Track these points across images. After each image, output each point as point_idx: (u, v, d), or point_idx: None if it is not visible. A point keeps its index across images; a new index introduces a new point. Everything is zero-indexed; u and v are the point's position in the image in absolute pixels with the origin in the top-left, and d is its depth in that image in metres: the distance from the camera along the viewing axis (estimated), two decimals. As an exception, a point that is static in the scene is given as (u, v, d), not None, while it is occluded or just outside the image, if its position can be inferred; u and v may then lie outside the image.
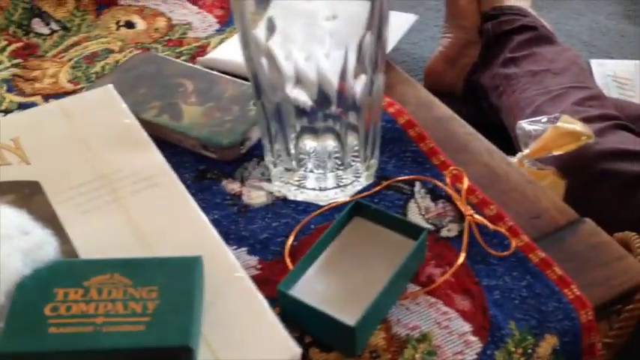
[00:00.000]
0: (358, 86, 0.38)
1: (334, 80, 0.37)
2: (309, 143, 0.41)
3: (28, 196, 0.35)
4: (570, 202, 0.82)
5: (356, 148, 0.41)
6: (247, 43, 0.37)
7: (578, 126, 0.79)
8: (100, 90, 0.41)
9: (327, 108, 0.39)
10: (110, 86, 0.41)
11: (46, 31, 0.56)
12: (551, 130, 0.78)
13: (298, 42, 0.36)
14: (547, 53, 1.11)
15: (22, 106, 0.49)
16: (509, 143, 1.09)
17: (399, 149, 0.44)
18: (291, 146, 0.41)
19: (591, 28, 1.45)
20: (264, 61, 0.37)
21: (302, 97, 0.38)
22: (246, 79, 0.50)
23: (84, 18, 0.57)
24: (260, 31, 0.36)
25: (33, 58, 0.54)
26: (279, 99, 0.38)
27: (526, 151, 0.79)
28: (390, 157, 0.44)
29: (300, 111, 0.39)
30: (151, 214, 0.34)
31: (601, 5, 1.52)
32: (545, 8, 1.49)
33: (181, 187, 0.36)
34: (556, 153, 0.79)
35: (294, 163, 0.41)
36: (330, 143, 0.40)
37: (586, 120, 0.89)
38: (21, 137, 0.37)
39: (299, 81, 0.37)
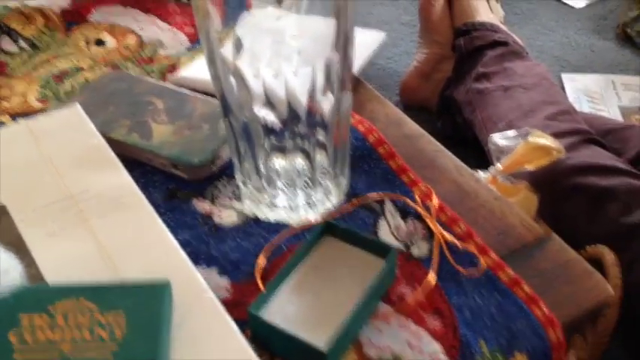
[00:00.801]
0: (326, 105, 0.38)
1: (303, 98, 0.38)
2: (279, 162, 0.41)
3: (-8, 219, 0.34)
4: (543, 216, 0.83)
5: (325, 166, 0.41)
6: (214, 61, 0.37)
7: (549, 141, 0.80)
8: (67, 110, 0.41)
9: (296, 126, 0.39)
10: (77, 106, 0.41)
11: (14, 49, 0.56)
12: (522, 145, 0.79)
13: (266, 60, 0.36)
14: (518, 68, 1.13)
15: (-11, 126, 0.48)
16: (484, 158, 1.10)
17: (369, 167, 0.44)
18: (261, 165, 0.41)
19: (562, 43, 1.48)
20: (231, 79, 0.37)
21: (270, 116, 0.38)
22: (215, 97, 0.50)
23: (53, 36, 0.57)
24: (227, 50, 0.36)
25: (1, 77, 0.53)
26: (246, 118, 0.38)
27: (498, 166, 0.80)
28: (360, 174, 0.44)
29: (269, 130, 0.39)
30: (118, 235, 0.34)
31: (571, 21, 1.56)
32: (516, 24, 1.52)
33: (149, 208, 0.36)
34: (528, 167, 0.80)
35: (263, 181, 0.41)
36: (300, 162, 0.40)
37: (557, 135, 0.90)
38: (-15, 159, 0.37)
39: (267, 99, 0.38)
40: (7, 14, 0.57)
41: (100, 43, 0.57)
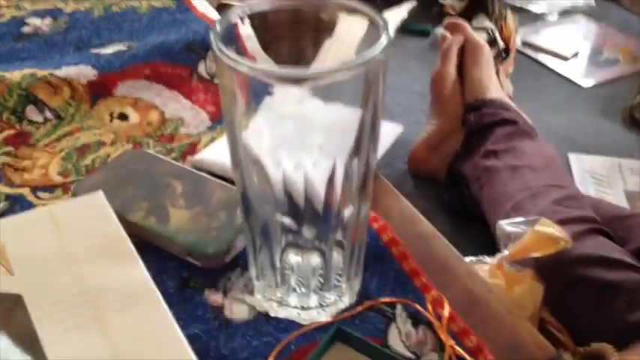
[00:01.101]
0: (344, 202, 0.38)
1: (321, 192, 0.38)
2: (294, 257, 0.41)
3: (9, 310, 0.34)
4: (547, 306, 0.82)
5: (341, 266, 0.41)
6: (236, 146, 0.37)
7: (556, 230, 0.80)
8: (89, 197, 0.41)
9: (313, 224, 0.39)
10: (100, 193, 0.42)
11: (39, 119, 0.57)
12: (530, 233, 0.79)
13: (286, 148, 0.36)
14: (527, 148, 1.14)
15: (10, 198, 0.49)
16: (490, 236, 1.10)
17: (382, 268, 0.45)
18: (276, 260, 0.41)
19: (569, 122, 1.50)
20: (251, 166, 0.37)
21: (287, 220, 0.38)
22: (233, 182, 0.50)
23: (78, 108, 0.58)
24: (249, 135, 0.36)
25: (24, 147, 0.54)
26: (266, 216, 0.39)
27: (505, 253, 0.80)
28: (373, 274, 0.44)
29: (287, 228, 0.40)
30: (131, 334, 0.34)
31: (579, 100, 1.58)
32: (525, 100, 1.55)
33: (163, 305, 0.36)
34: (535, 256, 0.81)
35: (277, 278, 0.41)
36: (315, 259, 0.41)
37: (563, 221, 0.90)
38: (7, 245, 0.37)
39: (286, 190, 0.38)
40: (34, 83, 0.58)
41: (123, 117, 0.58)
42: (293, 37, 0.40)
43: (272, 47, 0.39)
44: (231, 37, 0.36)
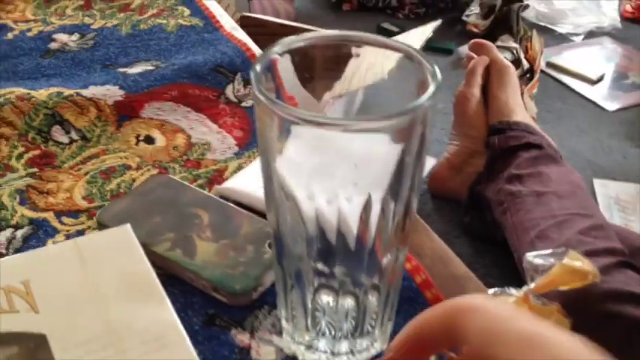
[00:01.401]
0: (382, 249, 0.37)
1: (355, 228, 0.36)
2: (326, 299, 0.39)
3: (33, 349, 0.33)
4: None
5: (375, 310, 0.40)
6: (270, 178, 0.35)
7: (585, 264, 0.78)
8: (116, 230, 0.40)
9: (347, 265, 0.38)
10: (127, 227, 0.40)
11: (65, 139, 0.56)
12: (558, 266, 0.76)
13: (318, 179, 0.35)
14: (552, 174, 1.12)
15: (33, 223, 0.48)
16: (510, 259, 1.08)
17: (415, 311, 0.43)
18: (308, 301, 0.39)
19: (594, 146, 1.48)
20: (285, 201, 0.35)
21: (320, 264, 0.37)
22: (261, 214, 0.49)
23: (104, 129, 0.57)
24: (282, 163, 0.34)
25: (49, 169, 0.53)
26: (299, 256, 0.37)
27: (532, 286, 0.78)
28: (405, 318, 0.42)
29: (320, 271, 0.38)
30: (157, 380, 0.33)
31: (604, 124, 1.56)
32: (549, 123, 1.52)
33: (191, 351, 0.35)
34: (562, 289, 0.78)
35: (308, 320, 0.40)
36: (349, 302, 0.39)
37: (591, 253, 0.88)
38: (32, 280, 0.36)
39: (319, 224, 0.36)
40: (61, 103, 0.58)
41: (149, 140, 0.57)
42: (332, 71, 0.38)
43: (311, 81, 0.38)
44: (269, 69, 0.34)
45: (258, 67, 0.32)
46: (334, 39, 0.36)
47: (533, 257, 0.82)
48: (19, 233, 0.47)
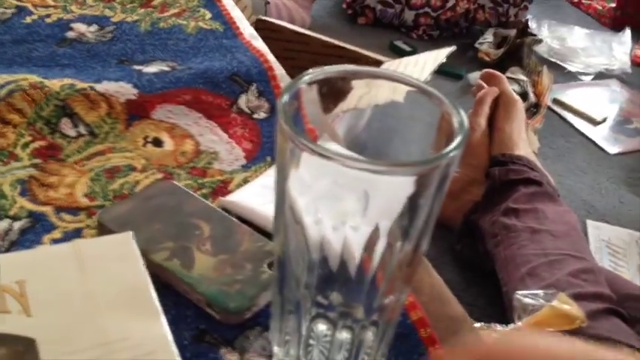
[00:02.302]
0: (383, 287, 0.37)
1: (357, 256, 0.36)
2: (322, 328, 0.39)
3: (21, 353, 0.32)
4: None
5: (370, 344, 0.39)
6: (282, 197, 0.35)
7: (574, 309, 0.79)
8: (118, 237, 0.40)
9: (346, 296, 0.38)
10: (129, 235, 0.40)
11: (72, 133, 0.56)
12: (547, 309, 0.77)
13: (326, 205, 0.34)
14: (549, 212, 1.12)
15: (32, 216, 0.48)
16: (497, 289, 1.08)
17: (407, 349, 0.43)
18: (303, 328, 0.39)
19: (592, 187, 1.48)
20: (293, 221, 0.35)
21: (321, 295, 0.37)
22: (262, 231, 0.49)
23: (113, 126, 0.57)
24: (293, 185, 0.34)
25: (53, 161, 0.53)
26: (300, 283, 0.37)
27: (519, 324, 0.79)
28: (397, 356, 0.42)
29: (318, 302, 0.38)
30: (144, 398, 0.32)
31: (604, 166, 1.56)
32: (550, 159, 1.53)
33: (180, 368, 0.34)
34: (549, 331, 0.79)
35: (300, 348, 0.39)
36: (344, 334, 0.39)
37: (580, 296, 0.89)
38: (27, 281, 0.35)
39: (322, 251, 0.36)
40: (73, 95, 0.57)
41: (157, 143, 0.57)
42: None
43: (335, 111, 0.38)
44: (295, 97, 0.34)
45: (285, 98, 0.32)
46: (363, 74, 0.36)
47: (523, 296, 0.82)
48: (17, 225, 0.47)
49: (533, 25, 2.02)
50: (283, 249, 0.37)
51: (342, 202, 0.34)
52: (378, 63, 1.38)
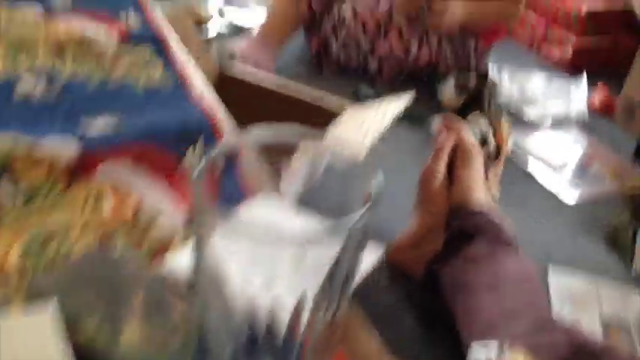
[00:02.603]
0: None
1: (285, 318, 0.36)
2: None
3: None
4: None
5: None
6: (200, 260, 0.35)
7: (526, 363, 0.78)
8: (40, 313, 0.39)
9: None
10: (52, 309, 0.39)
11: (11, 190, 0.55)
12: (500, 364, 0.77)
13: (253, 264, 0.34)
14: (508, 262, 1.13)
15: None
16: (456, 340, 1.08)
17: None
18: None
19: (551, 235, 1.50)
20: (214, 284, 0.35)
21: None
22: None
23: (54, 186, 0.56)
24: (217, 243, 0.34)
25: (-12, 223, 0.52)
26: (223, 349, 0.36)
27: (473, 380, 0.78)
28: None
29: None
30: None
31: (563, 213, 1.59)
32: (511, 206, 1.54)
33: None
34: (502, 386, 0.78)
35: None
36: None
37: (535, 349, 0.88)
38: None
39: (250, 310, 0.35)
40: (14, 152, 0.56)
41: (98, 202, 0.56)
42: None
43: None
44: (211, 168, 0.34)
45: (196, 172, 0.32)
46: (299, 136, 0.36)
47: (477, 350, 0.82)
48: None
49: (493, 70, 2.08)
50: (204, 312, 0.36)
51: (269, 260, 0.34)
52: (342, 108, 1.39)
